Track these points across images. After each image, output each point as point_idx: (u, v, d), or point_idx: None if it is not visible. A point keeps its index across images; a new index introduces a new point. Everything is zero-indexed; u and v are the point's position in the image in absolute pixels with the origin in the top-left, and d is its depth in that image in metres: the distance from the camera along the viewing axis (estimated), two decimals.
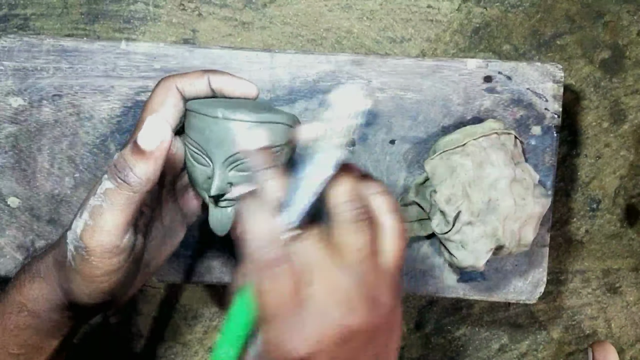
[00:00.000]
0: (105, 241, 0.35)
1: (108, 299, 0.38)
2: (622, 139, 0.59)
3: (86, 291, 0.36)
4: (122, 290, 0.38)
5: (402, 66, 0.51)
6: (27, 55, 0.50)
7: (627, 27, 0.58)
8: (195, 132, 0.38)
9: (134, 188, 0.35)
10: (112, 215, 0.35)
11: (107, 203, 0.35)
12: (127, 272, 0.37)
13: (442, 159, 0.48)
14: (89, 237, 0.35)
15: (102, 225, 0.35)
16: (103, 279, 0.36)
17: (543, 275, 0.52)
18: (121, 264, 0.36)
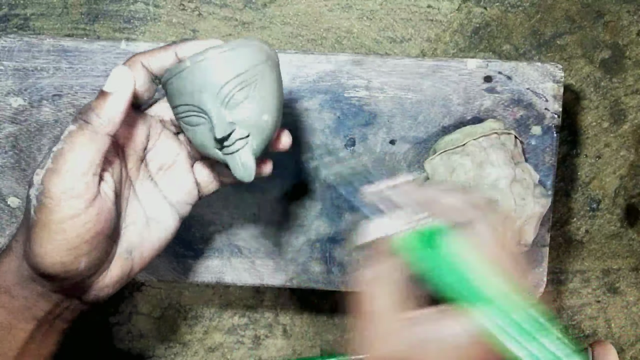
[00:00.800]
0: (65, 182, 0.35)
1: (72, 267, 0.36)
2: (622, 139, 0.59)
3: (48, 248, 0.36)
4: (89, 261, 0.37)
5: (402, 66, 0.51)
6: (27, 55, 0.50)
7: (627, 27, 0.58)
8: (177, 95, 0.37)
9: (95, 127, 0.35)
10: (72, 154, 0.35)
11: (67, 145, 0.35)
12: (90, 231, 0.36)
13: (442, 159, 0.48)
14: (48, 179, 0.35)
15: (61, 166, 0.35)
16: (60, 227, 0.35)
17: (543, 275, 0.52)
18: (79, 211, 0.35)
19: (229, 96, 0.36)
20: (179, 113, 0.38)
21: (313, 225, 0.51)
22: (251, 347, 0.59)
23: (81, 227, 0.36)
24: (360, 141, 0.51)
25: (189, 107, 0.37)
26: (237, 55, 0.36)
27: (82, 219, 0.36)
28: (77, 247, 0.36)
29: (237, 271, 0.52)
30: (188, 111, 0.37)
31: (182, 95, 0.37)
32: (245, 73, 0.36)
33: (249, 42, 0.37)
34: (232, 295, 0.59)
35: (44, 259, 0.36)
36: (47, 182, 0.35)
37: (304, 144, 0.51)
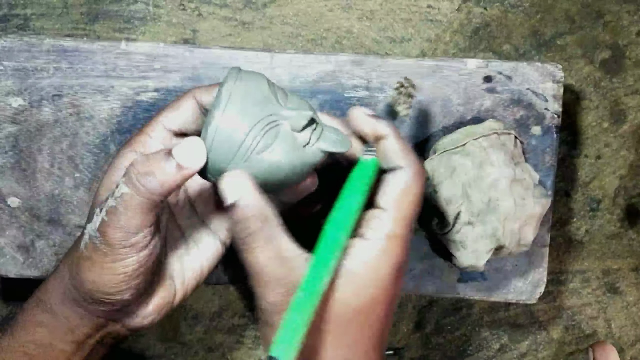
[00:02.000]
0: (120, 235, 0.35)
1: (117, 297, 0.37)
2: (622, 139, 0.59)
3: (94, 279, 0.36)
4: (135, 291, 0.38)
5: (402, 66, 0.51)
6: (27, 55, 0.50)
7: (627, 27, 0.58)
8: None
9: (152, 195, 0.34)
10: (125, 217, 0.35)
11: (121, 206, 0.35)
12: (139, 269, 0.37)
13: (442, 159, 0.48)
14: (103, 230, 0.35)
15: (115, 223, 0.35)
16: (111, 266, 0.36)
17: (543, 275, 0.52)
18: (132, 255, 0.36)
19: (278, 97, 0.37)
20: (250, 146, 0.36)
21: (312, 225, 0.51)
22: (251, 347, 0.59)
23: (130, 267, 0.36)
24: None
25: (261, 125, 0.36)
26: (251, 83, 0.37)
27: (133, 260, 0.36)
28: (124, 282, 0.36)
29: (237, 271, 0.52)
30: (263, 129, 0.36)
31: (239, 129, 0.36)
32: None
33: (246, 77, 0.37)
34: (232, 295, 0.59)
35: (90, 288, 0.37)
36: (102, 232, 0.35)
37: None
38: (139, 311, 0.40)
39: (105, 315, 0.39)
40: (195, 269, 0.42)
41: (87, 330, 0.39)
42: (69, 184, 0.50)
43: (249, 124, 0.35)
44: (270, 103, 0.36)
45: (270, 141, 0.35)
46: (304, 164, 0.37)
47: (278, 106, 0.36)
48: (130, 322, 0.40)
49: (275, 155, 0.35)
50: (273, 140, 0.35)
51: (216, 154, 0.35)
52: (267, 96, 0.36)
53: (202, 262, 0.42)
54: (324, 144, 0.37)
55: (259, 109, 0.35)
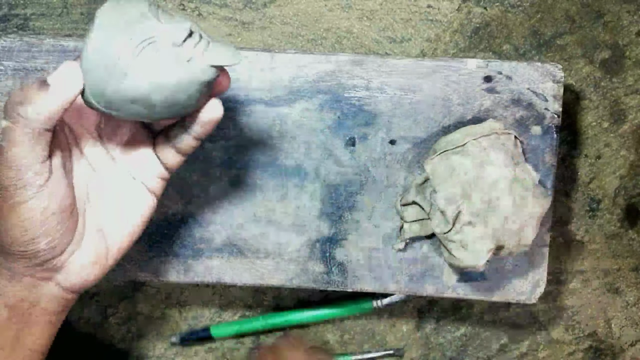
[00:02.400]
0: (11, 174, 0.34)
1: (31, 247, 0.36)
2: (622, 139, 0.59)
3: (8, 226, 0.35)
4: (50, 239, 0.36)
5: (402, 66, 0.51)
6: (27, 55, 0.50)
7: (627, 27, 0.58)
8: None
9: (32, 124, 0.34)
10: (11, 152, 0.34)
11: (5, 142, 0.34)
12: (45, 212, 0.36)
13: (442, 159, 0.48)
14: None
15: (4, 161, 0.34)
16: (13, 211, 0.35)
17: (543, 275, 0.52)
18: (31, 196, 0.35)
19: (159, 16, 0.35)
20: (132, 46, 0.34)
21: (313, 225, 0.51)
22: (251, 347, 0.60)
23: (34, 209, 0.35)
24: (360, 141, 0.51)
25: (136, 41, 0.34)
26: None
27: (34, 203, 0.35)
28: (32, 229, 0.36)
29: (237, 271, 0.52)
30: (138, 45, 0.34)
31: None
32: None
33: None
34: (232, 295, 0.59)
35: (2, 241, 0.36)
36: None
37: (304, 144, 0.51)
38: (69, 266, 0.38)
39: (31, 272, 0.38)
40: (127, 220, 0.40)
41: (18, 292, 0.38)
42: None
43: (123, 40, 0.33)
44: (147, 20, 0.34)
45: (148, 58, 0.34)
46: (192, 82, 0.35)
47: (156, 23, 0.34)
48: (63, 279, 0.38)
49: (154, 72, 0.34)
50: (152, 57, 0.34)
51: (93, 77, 0.34)
52: (144, 13, 0.34)
53: (134, 212, 0.40)
54: (211, 57, 0.35)
55: (133, 27, 0.34)
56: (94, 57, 0.34)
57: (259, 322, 0.58)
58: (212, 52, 0.35)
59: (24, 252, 0.36)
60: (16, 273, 0.38)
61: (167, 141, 0.40)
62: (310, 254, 0.52)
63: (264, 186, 0.51)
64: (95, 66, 0.34)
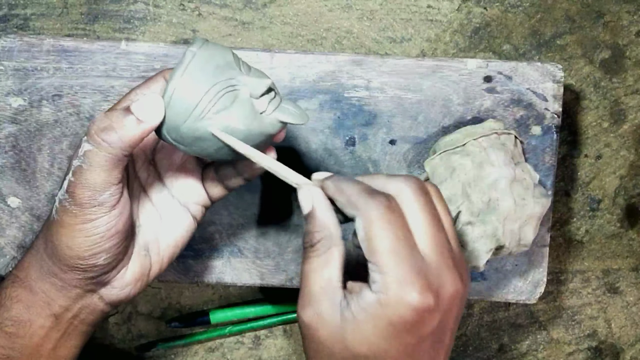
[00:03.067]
0: (88, 194, 0.36)
1: (91, 261, 0.38)
2: (622, 139, 0.59)
3: (68, 242, 0.37)
4: (109, 256, 0.38)
5: (402, 66, 0.51)
6: (27, 55, 0.50)
7: (627, 27, 0.58)
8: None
9: (114, 150, 0.35)
10: (90, 174, 0.36)
11: (85, 164, 0.36)
12: (111, 230, 0.37)
13: (442, 159, 0.48)
14: (72, 189, 0.36)
15: (83, 182, 0.36)
16: (82, 227, 0.37)
17: (543, 275, 0.52)
18: (102, 215, 0.37)
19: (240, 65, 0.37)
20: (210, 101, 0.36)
21: None
22: (251, 347, 0.59)
23: (102, 227, 0.37)
24: (360, 141, 0.51)
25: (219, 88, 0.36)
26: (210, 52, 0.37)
27: (104, 221, 0.37)
28: (97, 244, 0.37)
29: (237, 271, 0.52)
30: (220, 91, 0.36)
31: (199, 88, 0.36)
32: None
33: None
34: (232, 296, 0.59)
35: (64, 253, 0.37)
36: (71, 193, 0.36)
37: (304, 144, 0.51)
38: (115, 282, 0.40)
39: (82, 284, 0.39)
40: (169, 241, 0.42)
41: (64, 301, 0.40)
42: None
43: (207, 85, 0.35)
44: (231, 69, 0.36)
45: (227, 104, 0.36)
46: (261, 133, 0.37)
47: (239, 72, 0.37)
48: (107, 293, 0.40)
49: (231, 118, 0.36)
50: (230, 104, 0.36)
51: (173, 112, 0.36)
52: (229, 62, 0.37)
53: (176, 235, 0.43)
54: (282, 114, 0.37)
55: (219, 73, 0.36)
56: (177, 95, 0.35)
57: (259, 308, 0.58)
58: (283, 109, 0.38)
59: (82, 265, 0.38)
60: (67, 284, 0.39)
61: (216, 177, 0.43)
62: None
63: (264, 186, 0.51)
64: (176, 104, 0.36)
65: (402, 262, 0.32)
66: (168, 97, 0.36)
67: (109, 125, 0.35)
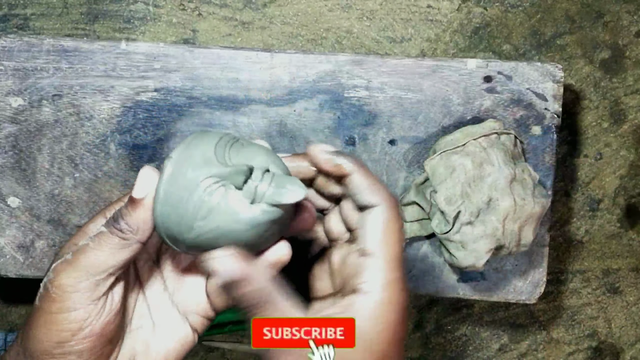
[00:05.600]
0: (75, 276, 0.34)
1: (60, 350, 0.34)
2: (622, 139, 0.59)
3: (40, 335, 0.34)
4: (81, 358, 0.35)
5: (402, 66, 0.51)
6: (27, 55, 0.50)
7: (627, 27, 0.58)
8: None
9: (126, 235, 0.34)
10: (95, 254, 0.34)
11: (95, 244, 0.34)
12: (86, 328, 0.34)
13: (442, 159, 0.48)
14: (60, 269, 0.34)
15: (80, 261, 0.34)
16: (57, 317, 0.34)
17: (543, 275, 0.52)
18: (79, 306, 0.34)
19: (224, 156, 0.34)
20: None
21: None
22: None
23: (77, 322, 0.34)
24: (360, 141, 0.51)
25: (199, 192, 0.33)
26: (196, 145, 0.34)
27: (81, 315, 0.34)
28: (68, 343, 0.34)
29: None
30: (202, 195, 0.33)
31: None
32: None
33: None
34: None
35: (34, 346, 0.34)
36: (58, 272, 0.34)
37: (304, 144, 0.51)
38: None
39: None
40: (159, 352, 0.38)
41: None
42: (68, 183, 0.50)
43: (188, 195, 0.33)
44: (210, 167, 0.33)
45: (213, 204, 0.33)
46: (257, 224, 0.34)
47: (219, 167, 0.33)
48: None
49: (212, 222, 0.33)
50: (217, 203, 0.33)
51: (163, 219, 0.34)
52: (208, 158, 0.34)
53: (169, 347, 0.38)
54: (272, 197, 0.34)
55: (197, 174, 0.33)
56: (164, 206, 0.33)
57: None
58: (274, 189, 0.34)
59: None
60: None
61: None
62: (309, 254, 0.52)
63: None
64: (168, 214, 0.33)
65: (400, 263, 0.33)
66: (157, 202, 0.33)
67: (119, 212, 0.34)
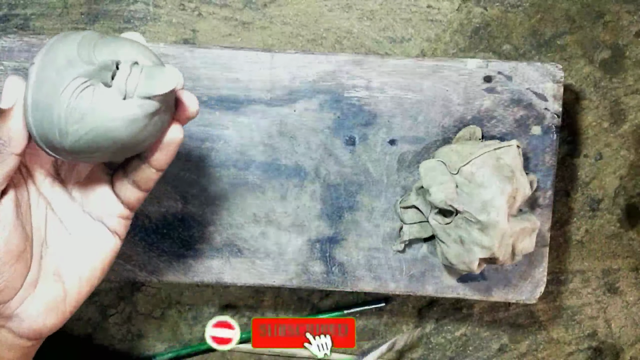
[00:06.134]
0: None
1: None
2: (622, 139, 0.59)
3: None
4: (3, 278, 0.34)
5: (402, 66, 0.51)
6: (27, 55, 0.50)
7: (627, 27, 0.58)
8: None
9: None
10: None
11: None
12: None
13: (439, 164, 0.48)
14: None
15: None
16: None
17: (543, 275, 0.52)
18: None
19: (90, 54, 0.32)
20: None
21: (313, 225, 0.51)
22: None
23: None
24: (360, 141, 0.51)
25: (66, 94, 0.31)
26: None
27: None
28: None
29: (237, 271, 0.52)
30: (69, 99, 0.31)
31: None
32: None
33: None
34: (232, 295, 0.59)
35: None
36: None
37: (304, 144, 0.51)
38: (21, 313, 0.35)
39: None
40: (85, 262, 0.37)
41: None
42: None
43: (56, 96, 0.31)
44: (74, 68, 0.31)
45: (84, 107, 0.31)
46: (135, 120, 0.32)
47: (83, 67, 0.31)
48: (16, 326, 0.36)
49: (92, 119, 0.31)
50: (88, 106, 0.31)
51: (41, 130, 0.32)
52: (72, 59, 0.32)
53: (93, 254, 0.38)
54: (143, 89, 0.32)
55: (62, 78, 0.31)
56: (35, 113, 0.32)
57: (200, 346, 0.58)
58: (145, 82, 0.32)
59: None
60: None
61: (124, 176, 0.37)
62: (310, 254, 0.52)
63: (263, 186, 0.51)
64: (39, 120, 0.32)
65: None
66: (28, 109, 0.32)
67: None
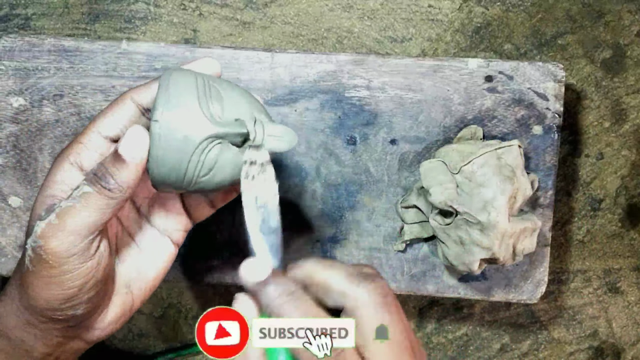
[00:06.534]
0: (68, 241, 0.34)
1: (69, 312, 0.36)
2: (624, 139, 0.59)
3: (44, 295, 0.35)
4: (88, 305, 0.36)
5: (403, 66, 0.51)
6: (28, 55, 0.50)
7: (628, 27, 0.58)
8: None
9: (114, 194, 0.34)
10: (83, 215, 0.34)
11: (81, 204, 0.34)
12: (89, 282, 0.35)
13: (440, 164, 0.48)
14: (48, 235, 0.34)
15: (68, 225, 0.34)
16: (57, 279, 0.34)
17: (544, 275, 0.52)
18: (78, 267, 0.35)
19: (209, 107, 0.35)
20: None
21: (313, 225, 0.51)
22: None
23: (79, 279, 0.35)
24: (361, 141, 0.51)
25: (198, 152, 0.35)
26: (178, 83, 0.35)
27: (81, 273, 0.35)
28: (75, 297, 0.35)
29: (237, 271, 0.52)
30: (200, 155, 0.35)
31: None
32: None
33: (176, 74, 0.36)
34: (232, 296, 0.59)
35: (40, 305, 0.35)
36: (46, 237, 0.34)
37: (305, 143, 0.51)
38: (97, 324, 0.38)
39: (61, 333, 0.37)
40: (150, 273, 0.40)
41: (45, 349, 0.37)
42: None
43: (186, 155, 0.34)
44: (201, 124, 0.34)
45: (212, 162, 0.35)
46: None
47: (209, 124, 0.35)
48: (88, 335, 0.38)
49: (217, 177, 0.36)
50: (215, 161, 0.35)
51: (167, 181, 0.35)
52: (196, 115, 0.34)
53: (157, 266, 0.41)
54: (271, 144, 0.36)
55: (190, 139, 0.34)
56: (161, 168, 0.35)
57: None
58: (272, 140, 0.36)
59: (60, 317, 0.36)
60: (46, 334, 0.37)
61: (199, 195, 0.41)
62: (310, 254, 0.52)
63: None
64: (165, 173, 0.35)
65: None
66: (153, 150, 0.34)
67: (104, 168, 0.34)
